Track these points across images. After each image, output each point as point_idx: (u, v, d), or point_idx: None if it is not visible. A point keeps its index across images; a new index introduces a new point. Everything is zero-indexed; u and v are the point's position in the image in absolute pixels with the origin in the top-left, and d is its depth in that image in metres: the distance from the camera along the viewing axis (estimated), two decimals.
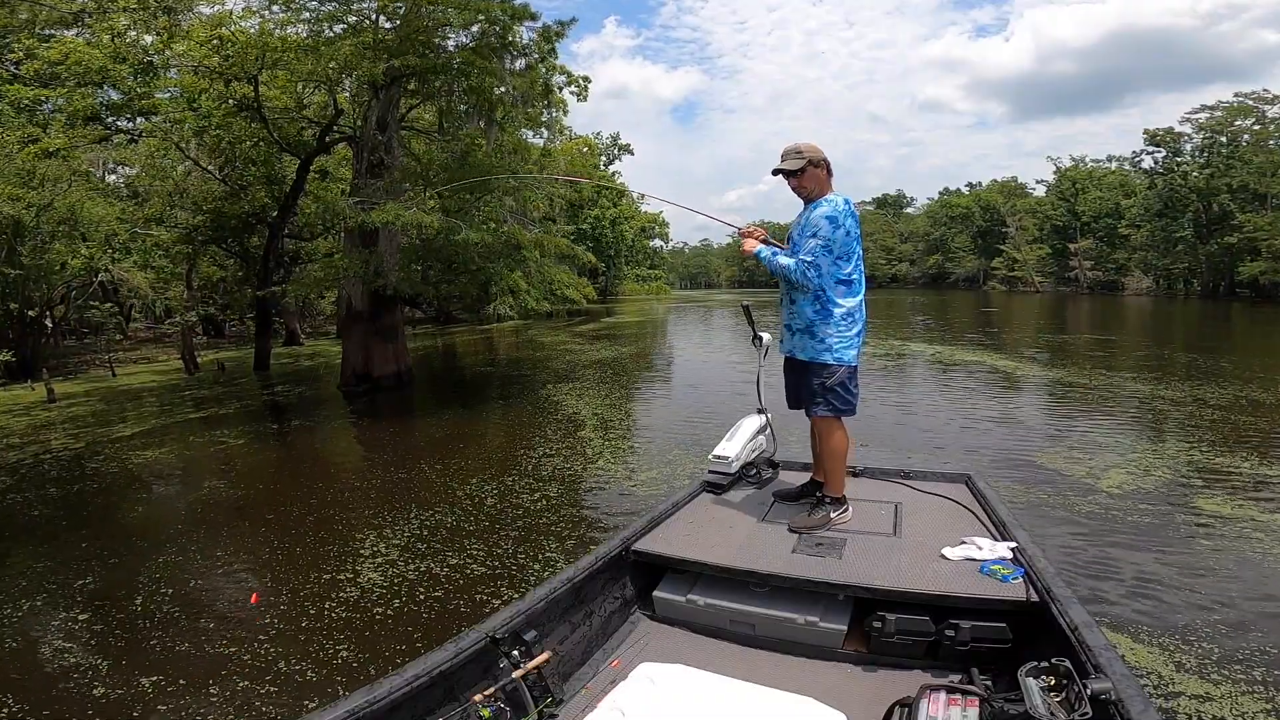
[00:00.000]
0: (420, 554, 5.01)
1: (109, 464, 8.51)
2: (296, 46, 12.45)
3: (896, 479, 3.50)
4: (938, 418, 8.99)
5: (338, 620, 4.09)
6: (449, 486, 6.68)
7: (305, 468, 8.17)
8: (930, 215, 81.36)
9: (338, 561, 4.98)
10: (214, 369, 18.45)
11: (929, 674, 2.19)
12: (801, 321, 2.99)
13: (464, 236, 10.73)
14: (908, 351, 16.74)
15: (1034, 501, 5.52)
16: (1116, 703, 1.55)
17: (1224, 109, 44.40)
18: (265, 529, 5.80)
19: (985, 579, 2.35)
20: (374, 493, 6.77)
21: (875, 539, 2.76)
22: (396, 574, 4.69)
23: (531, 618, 2.19)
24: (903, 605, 2.32)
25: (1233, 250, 41.83)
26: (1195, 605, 3.83)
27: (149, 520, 6.40)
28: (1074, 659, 1.75)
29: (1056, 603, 2.05)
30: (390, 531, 5.51)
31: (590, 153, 43.95)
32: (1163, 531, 4.89)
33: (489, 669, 2.03)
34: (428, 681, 1.83)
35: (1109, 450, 7.00)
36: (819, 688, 1.93)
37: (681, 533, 2.90)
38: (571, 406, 10.69)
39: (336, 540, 5.44)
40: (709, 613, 2.57)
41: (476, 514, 5.83)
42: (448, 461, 7.73)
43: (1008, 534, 2.66)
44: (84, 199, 16.06)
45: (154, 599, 4.54)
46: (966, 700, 1.72)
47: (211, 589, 4.73)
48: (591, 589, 2.54)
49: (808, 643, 2.41)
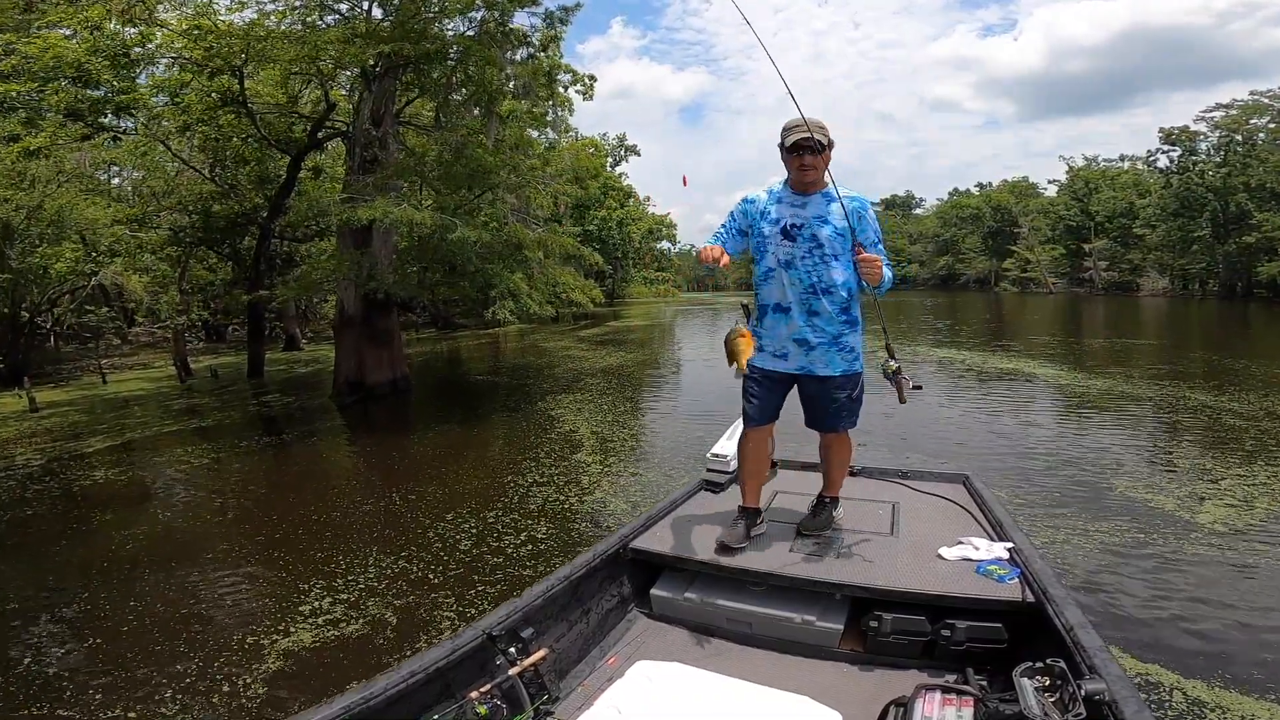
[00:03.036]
0: (369, 614, 4.17)
1: (56, 486, 7.75)
2: (282, 36, 11.71)
3: (894, 479, 3.49)
4: (981, 434, 8.12)
5: (254, 699, 3.32)
6: (420, 523, 5.78)
7: (264, 497, 7.20)
8: (940, 216, 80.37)
9: (273, 618, 4.17)
10: (207, 376, 17.76)
11: (925, 674, 2.19)
12: (828, 333, 2.67)
13: (460, 235, 9.91)
14: (936, 358, 15.87)
15: (1131, 544, 4.67)
16: (1111, 704, 1.55)
17: (1239, 107, 43.57)
18: (197, 574, 4.96)
19: (982, 579, 2.35)
20: (332, 531, 5.79)
21: (872, 538, 2.75)
22: (334, 639, 3.88)
23: (528, 615, 2.19)
24: (899, 605, 2.32)
25: (1250, 250, 40.95)
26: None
27: (59, 563, 5.49)
28: (1069, 660, 1.74)
29: (1052, 603, 2.05)
30: (341, 582, 4.64)
31: (597, 153, 43.23)
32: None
33: (485, 666, 2.02)
34: (424, 678, 1.82)
35: (1193, 476, 6.13)
36: (815, 687, 1.98)
37: (679, 531, 2.88)
38: (570, 422, 9.80)
39: (276, 592, 4.61)
40: (706, 611, 2.56)
41: (448, 560, 4.92)
42: (425, 489, 6.86)
43: (1005, 534, 2.66)
44: (74, 200, 15.48)
45: (40, 659, 3.74)
46: (961, 700, 1.72)
47: (109, 651, 3.93)
48: (589, 587, 2.54)
49: (804, 642, 2.41)
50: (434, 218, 10.02)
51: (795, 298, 2.62)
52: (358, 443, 10.07)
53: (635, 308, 46.52)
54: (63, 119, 15.04)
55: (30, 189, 14.64)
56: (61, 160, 15.37)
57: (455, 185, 11.89)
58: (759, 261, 2.71)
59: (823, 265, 2.60)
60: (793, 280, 2.61)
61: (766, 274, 2.69)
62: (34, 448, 9.89)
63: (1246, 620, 3.66)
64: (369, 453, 9.23)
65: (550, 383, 14.25)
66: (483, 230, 10.76)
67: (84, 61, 12.85)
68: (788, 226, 2.62)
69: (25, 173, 14.56)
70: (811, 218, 2.61)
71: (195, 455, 9.06)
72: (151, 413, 12.89)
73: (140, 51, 13.95)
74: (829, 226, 2.59)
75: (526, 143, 14.74)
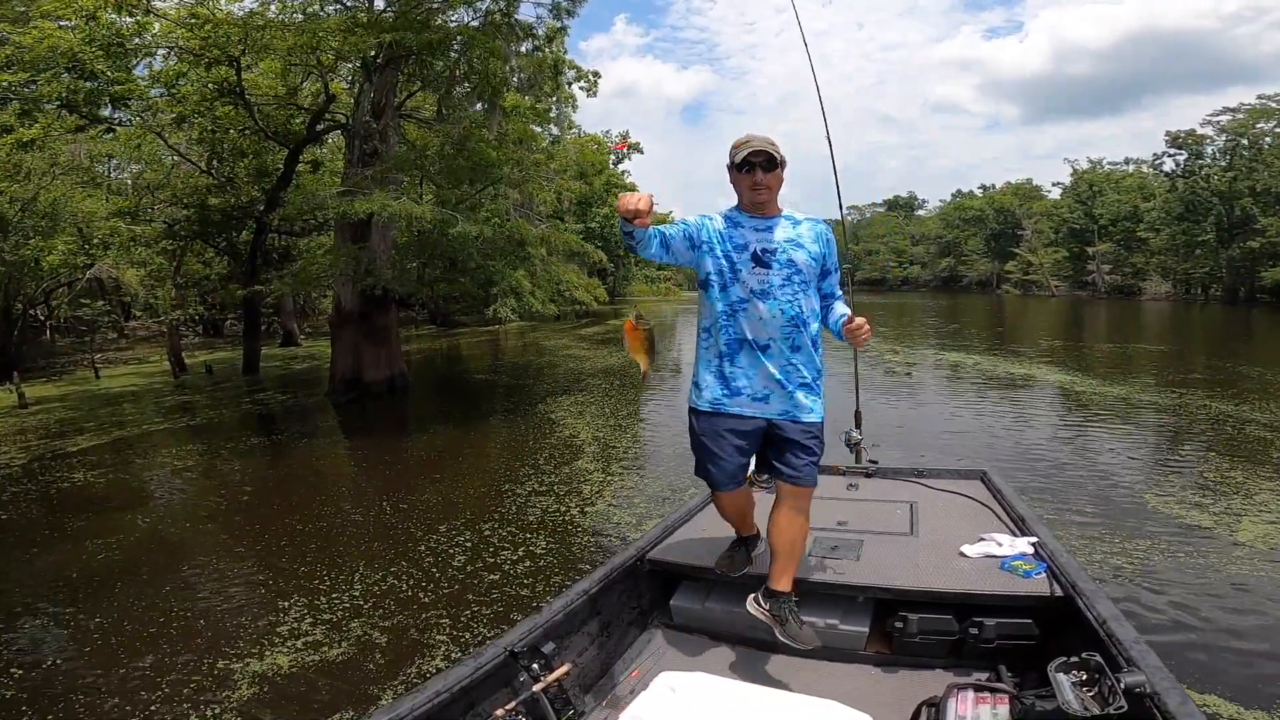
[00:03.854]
0: (353, 634, 3.87)
1: (34, 488, 7.46)
2: (281, 25, 11.41)
3: (910, 478, 3.41)
4: (1005, 446, 7.81)
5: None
6: (411, 535, 5.45)
7: (247, 503, 6.85)
8: (942, 218, 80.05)
9: (247, 639, 3.88)
10: (201, 372, 17.48)
11: (954, 673, 2.14)
12: (806, 374, 2.33)
13: (460, 230, 9.61)
14: (947, 362, 15.60)
15: (1173, 564, 4.38)
16: (1152, 695, 1.51)
17: (1246, 111, 43.31)
18: (169, 588, 4.66)
19: (1007, 575, 2.30)
20: (317, 542, 5.46)
21: (892, 539, 2.69)
22: (314, 663, 3.59)
23: (549, 630, 2.16)
24: (924, 605, 2.28)
25: (1254, 255, 40.70)
26: None
27: (25, 573, 5.18)
28: (1104, 653, 1.70)
29: (1083, 596, 2.02)
30: (324, 600, 4.32)
31: (600, 150, 42.93)
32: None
33: (509, 683, 2.01)
34: (449, 698, 1.82)
35: (1225, 490, 5.84)
36: (843, 691, 1.95)
37: (696, 541, 2.83)
38: (571, 426, 9.46)
39: (253, 610, 4.30)
40: (727, 620, 2.51)
41: (439, 577, 4.59)
42: (418, 496, 6.55)
43: (1027, 529, 2.62)
44: (69, 193, 15.18)
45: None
46: (995, 698, 1.69)
47: (66, 673, 3.65)
48: (607, 600, 2.50)
49: (829, 646, 2.35)
50: (434, 212, 9.71)
51: (777, 332, 2.29)
52: (350, 444, 9.78)
53: (637, 307, 46.08)
54: (58, 110, 14.76)
55: (25, 181, 14.40)
56: (56, 152, 15.11)
57: (457, 179, 11.60)
58: (722, 291, 2.32)
59: (803, 294, 2.31)
60: (772, 312, 2.27)
61: (737, 305, 2.30)
62: (18, 445, 9.60)
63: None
64: (361, 456, 8.94)
65: (551, 383, 13.96)
66: (484, 226, 10.45)
67: (78, 51, 12.54)
68: (759, 252, 2.30)
69: (20, 165, 14.31)
70: (784, 241, 2.31)
71: (179, 456, 8.78)
72: (141, 410, 12.61)
73: (137, 42, 13.68)
74: (804, 251, 2.32)
75: (530, 137, 14.42)
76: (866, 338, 2.31)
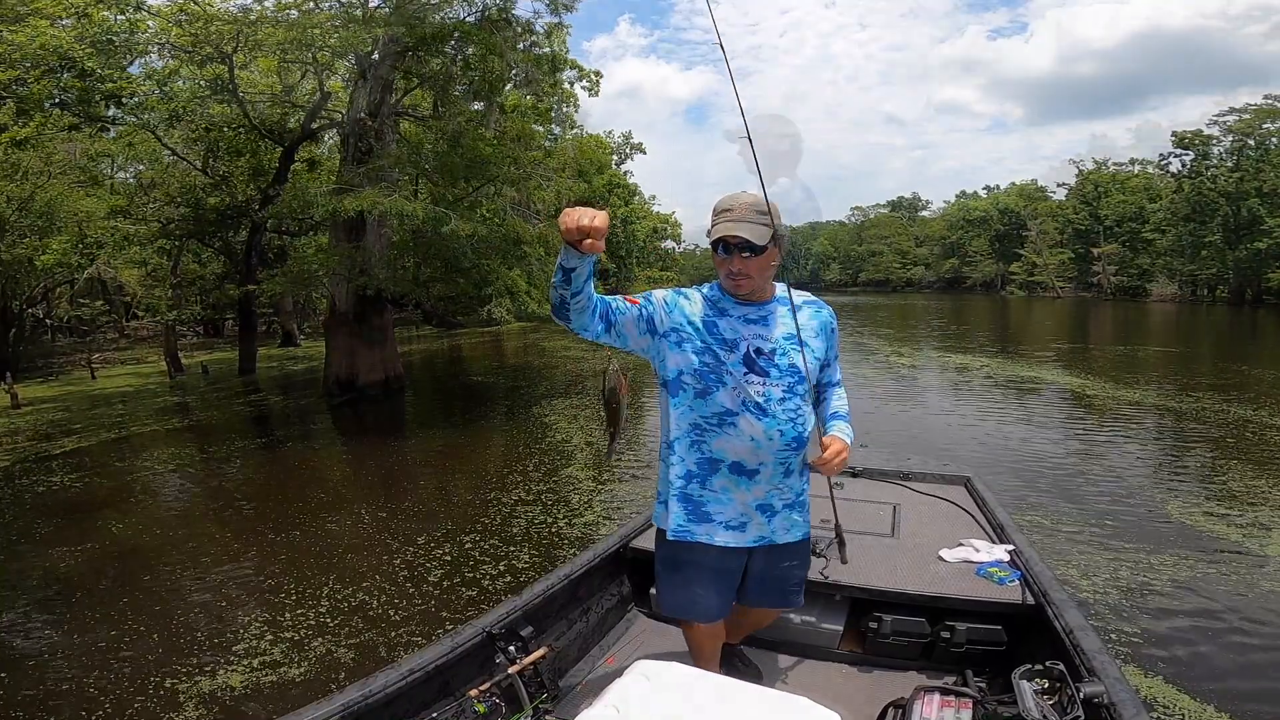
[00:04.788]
0: (315, 653, 3.64)
1: (10, 493, 7.25)
2: (274, 20, 11.20)
3: (895, 480, 3.42)
4: (1021, 454, 7.48)
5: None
6: (387, 547, 5.20)
7: (220, 510, 6.62)
8: (947, 219, 79.72)
9: (200, 655, 3.66)
10: (197, 372, 17.29)
11: (924, 675, 2.20)
12: (793, 493, 1.91)
13: (453, 228, 9.38)
14: (954, 365, 15.33)
15: (1201, 580, 4.13)
16: (1109, 706, 1.55)
17: (1252, 111, 42.94)
18: (126, 599, 4.44)
19: (982, 581, 2.32)
20: (288, 552, 5.20)
21: (873, 540, 2.69)
22: (269, 684, 3.37)
23: (528, 614, 2.16)
24: (899, 606, 2.30)
25: (1261, 256, 40.36)
26: None
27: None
28: (1068, 662, 1.73)
29: (1052, 606, 2.02)
30: (288, 616, 4.08)
31: (602, 150, 42.74)
32: None
33: (485, 664, 2.01)
34: (423, 676, 1.80)
35: (1250, 501, 5.57)
36: (814, 687, 2.06)
37: None
38: (564, 430, 9.22)
39: (209, 624, 4.06)
40: None
41: (413, 593, 4.34)
42: (400, 504, 6.31)
43: (1005, 537, 2.63)
44: (66, 192, 15.02)
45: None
46: (960, 702, 1.70)
47: (8, 688, 3.43)
48: (589, 586, 2.52)
49: (804, 642, 2.39)
50: (426, 209, 9.48)
51: (771, 456, 1.80)
52: (338, 449, 9.55)
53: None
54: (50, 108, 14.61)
55: (21, 181, 14.26)
56: (50, 151, 14.95)
57: (452, 177, 11.38)
58: (699, 398, 1.81)
59: (806, 408, 1.83)
60: (769, 433, 1.78)
61: (722, 419, 1.79)
62: (4, 448, 9.40)
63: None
64: (347, 460, 8.73)
65: (547, 385, 13.74)
66: (478, 224, 10.21)
67: (68, 49, 12.36)
68: (751, 352, 1.79)
69: (17, 164, 14.17)
70: (781, 338, 1.82)
71: (162, 460, 8.57)
72: (133, 411, 12.40)
73: (128, 39, 13.49)
74: (808, 350, 1.84)
75: (529, 135, 14.19)
76: (838, 468, 1.82)
